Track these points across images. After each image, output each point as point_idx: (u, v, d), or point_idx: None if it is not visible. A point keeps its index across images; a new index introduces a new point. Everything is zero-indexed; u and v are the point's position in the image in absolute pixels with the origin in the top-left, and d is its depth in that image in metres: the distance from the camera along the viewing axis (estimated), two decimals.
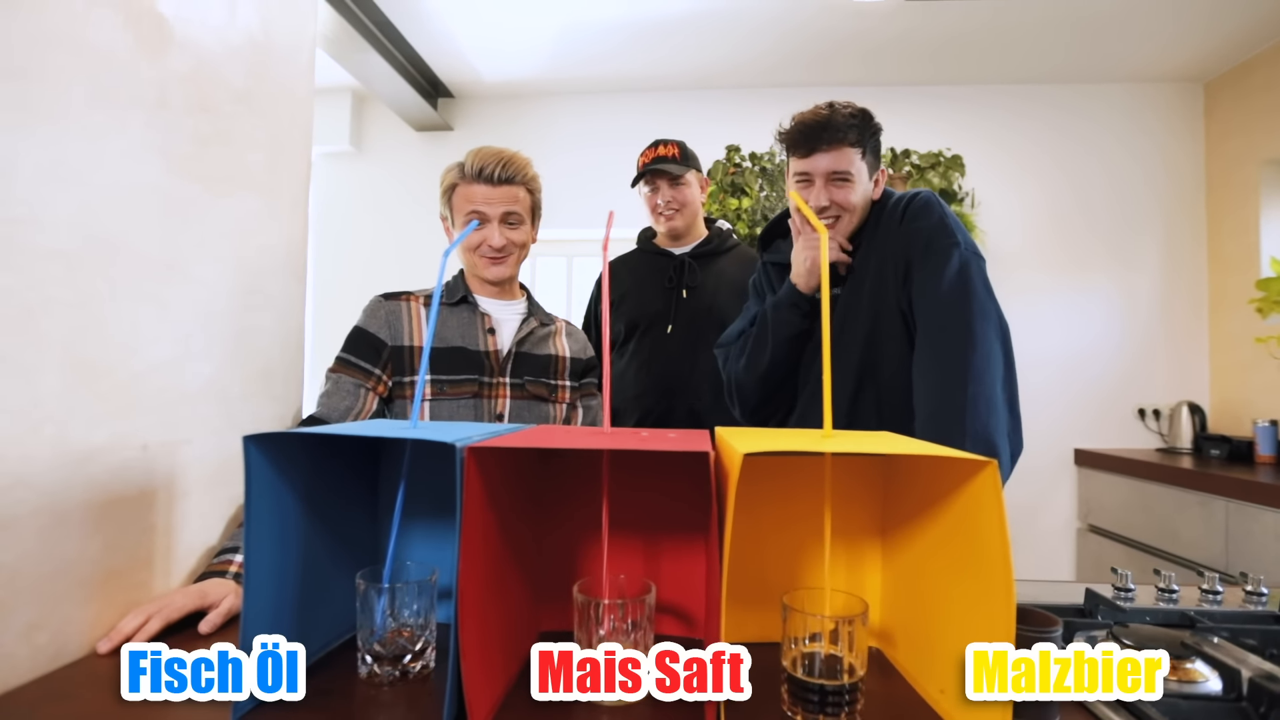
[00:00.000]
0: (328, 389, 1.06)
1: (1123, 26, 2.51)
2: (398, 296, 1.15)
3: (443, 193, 1.15)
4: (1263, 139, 2.63)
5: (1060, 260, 2.95)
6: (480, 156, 1.11)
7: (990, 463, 0.52)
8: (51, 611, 0.66)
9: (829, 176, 1.16)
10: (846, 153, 1.14)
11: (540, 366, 1.18)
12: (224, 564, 0.83)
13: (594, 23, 2.60)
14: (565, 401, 1.20)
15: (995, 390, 1.00)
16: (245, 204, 0.94)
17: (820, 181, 1.16)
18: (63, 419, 0.68)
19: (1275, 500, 1.93)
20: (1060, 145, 2.98)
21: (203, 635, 0.73)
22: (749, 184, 2.97)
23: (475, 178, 1.11)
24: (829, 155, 1.14)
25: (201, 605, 0.76)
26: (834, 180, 1.16)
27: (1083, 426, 2.90)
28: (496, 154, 1.12)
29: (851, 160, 1.15)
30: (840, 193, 1.16)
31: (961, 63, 2.83)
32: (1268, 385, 2.58)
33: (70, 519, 0.68)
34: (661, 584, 0.74)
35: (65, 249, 0.68)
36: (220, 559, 0.84)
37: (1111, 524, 2.61)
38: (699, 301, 1.68)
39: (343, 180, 3.28)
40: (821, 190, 1.16)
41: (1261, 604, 0.86)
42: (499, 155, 1.12)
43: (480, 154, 1.12)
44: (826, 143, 1.14)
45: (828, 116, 1.14)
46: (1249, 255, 2.68)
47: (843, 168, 1.15)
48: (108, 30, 0.73)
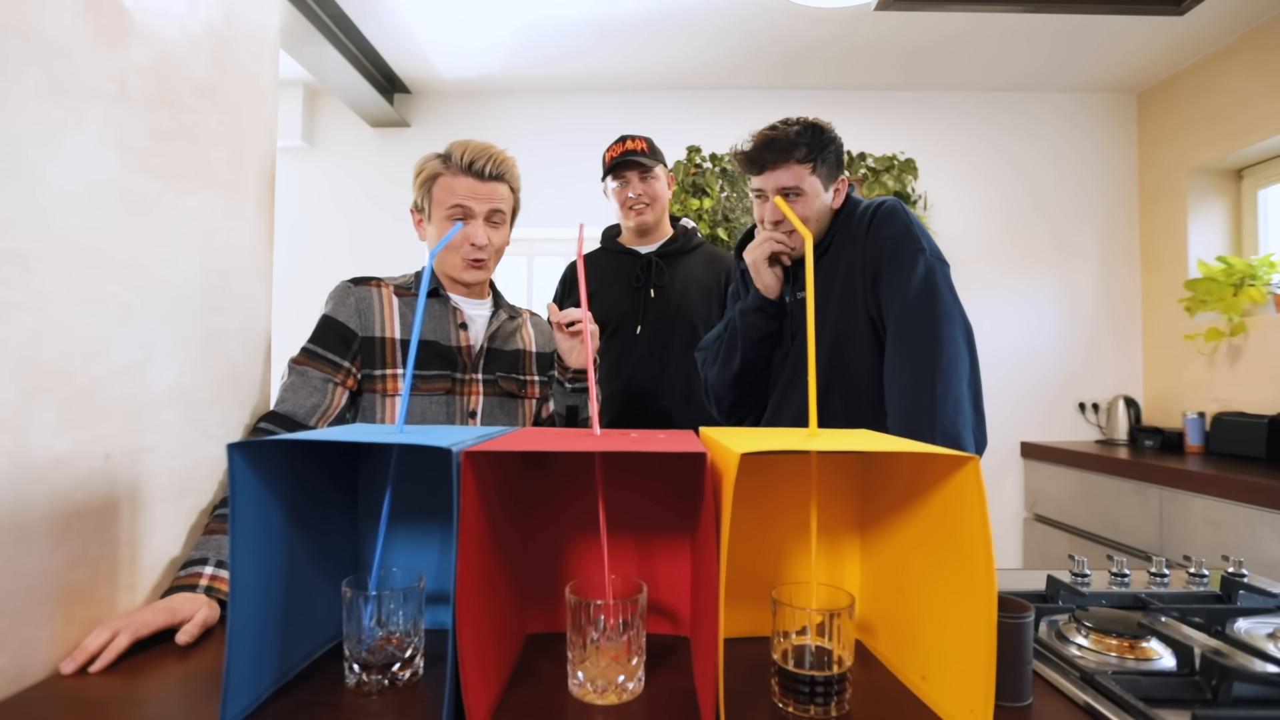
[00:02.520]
0: (292, 381, 1.01)
1: (1065, 40, 2.64)
2: (367, 282, 1.10)
3: (421, 182, 1.10)
4: (1190, 148, 2.80)
5: (1006, 262, 3.08)
6: (470, 149, 1.07)
7: (972, 458, 0.55)
8: (11, 632, 0.62)
9: (779, 192, 1.21)
10: (794, 169, 1.20)
11: (511, 362, 1.16)
12: (192, 577, 0.79)
13: (555, 21, 2.59)
14: (535, 396, 1.19)
15: (962, 390, 1.04)
16: (209, 202, 0.91)
17: (772, 196, 1.21)
18: (21, 428, 0.64)
19: (1204, 487, 2.06)
20: (1007, 151, 3.11)
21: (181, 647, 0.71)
22: (710, 184, 3.00)
23: (464, 170, 1.07)
24: (777, 173, 1.20)
25: (171, 622, 0.73)
26: (785, 195, 1.21)
27: (1029, 420, 3.04)
28: (486, 148, 1.08)
29: (800, 176, 1.20)
30: (793, 206, 1.20)
31: (917, 70, 2.92)
32: (1196, 380, 2.75)
33: (31, 533, 0.65)
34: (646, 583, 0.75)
35: (20, 250, 0.65)
36: (187, 572, 0.80)
37: (1055, 513, 2.74)
38: (667, 301, 1.69)
39: (295, 176, 3.17)
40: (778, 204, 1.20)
41: (1203, 584, 0.93)
42: (489, 149, 1.08)
43: (469, 146, 1.08)
44: (773, 161, 1.20)
45: (773, 136, 1.20)
46: (1178, 257, 2.85)
47: (791, 183, 1.20)
48: (65, 19, 0.69)
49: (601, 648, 0.62)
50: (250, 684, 0.58)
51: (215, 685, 0.62)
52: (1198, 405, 2.69)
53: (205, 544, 0.83)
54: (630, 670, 0.62)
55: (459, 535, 0.52)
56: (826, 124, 1.23)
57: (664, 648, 0.73)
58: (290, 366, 1.03)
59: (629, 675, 0.62)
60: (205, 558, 0.81)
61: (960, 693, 0.57)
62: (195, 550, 0.82)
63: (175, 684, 0.64)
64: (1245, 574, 0.91)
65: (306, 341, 1.05)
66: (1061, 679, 0.64)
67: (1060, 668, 0.67)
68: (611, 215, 1.81)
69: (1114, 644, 0.71)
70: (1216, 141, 2.68)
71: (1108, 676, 0.62)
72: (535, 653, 0.72)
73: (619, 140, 1.71)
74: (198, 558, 0.81)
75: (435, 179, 1.09)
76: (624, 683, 0.62)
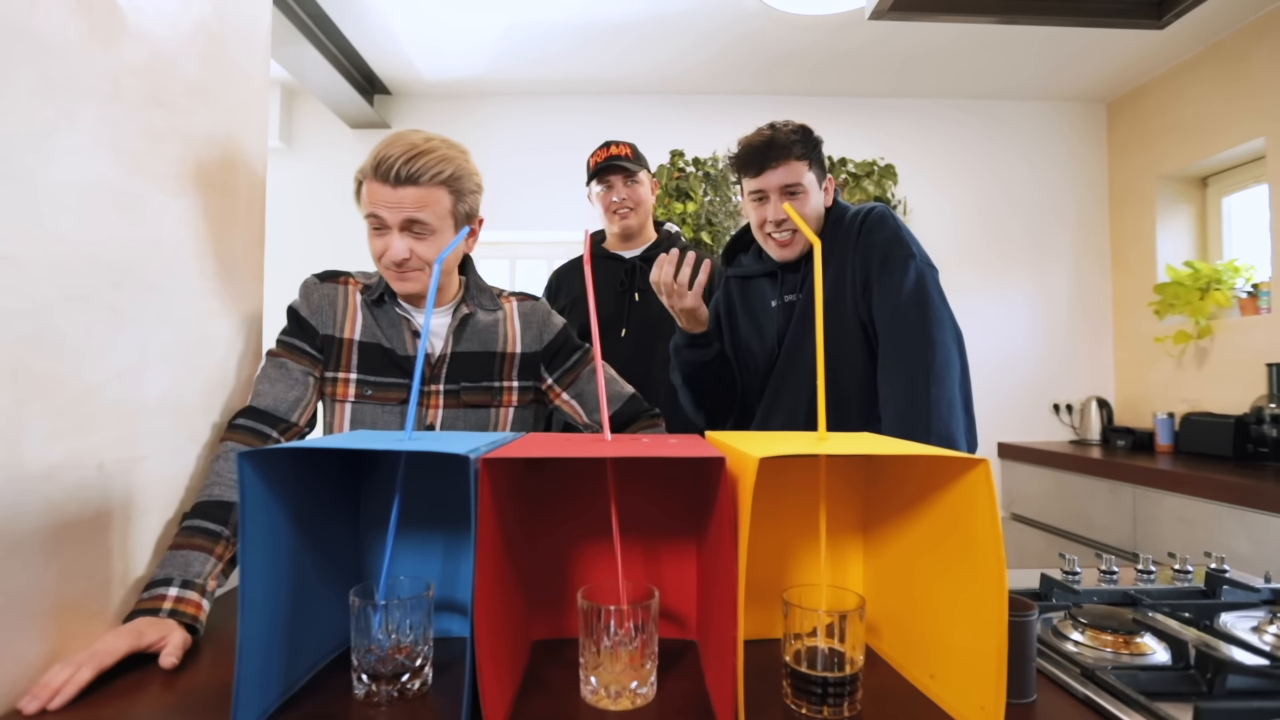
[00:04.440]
0: (271, 374, 0.94)
1: (1041, 50, 2.71)
2: (335, 278, 1.02)
3: (358, 185, 0.96)
4: (1158, 155, 2.89)
5: (983, 266, 3.14)
6: (386, 147, 0.91)
7: (983, 461, 0.56)
8: (5, 649, 0.60)
9: (782, 191, 1.22)
10: (794, 166, 1.22)
11: (481, 368, 1.03)
12: (155, 600, 0.72)
13: (539, 23, 2.58)
14: (512, 405, 1.06)
15: (954, 392, 1.06)
16: (201, 203, 0.89)
17: (775, 196, 1.23)
18: (14, 437, 0.62)
19: (1175, 486, 2.12)
20: (984, 157, 3.18)
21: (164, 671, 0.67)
22: (693, 189, 3.02)
23: (374, 175, 0.91)
24: (779, 171, 1.22)
25: (138, 646, 0.67)
26: (787, 193, 1.23)
27: (1005, 421, 3.10)
28: (406, 145, 0.90)
29: (800, 173, 1.22)
30: (794, 204, 1.22)
31: (898, 77, 2.97)
32: (1165, 381, 2.83)
33: (24, 546, 0.63)
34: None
35: (11, 252, 0.63)
36: (150, 594, 0.73)
37: (1032, 512, 2.80)
38: (651, 305, 1.70)
39: (272, 178, 3.10)
40: (777, 204, 1.23)
41: (1188, 580, 0.96)
42: (408, 147, 0.90)
43: (387, 143, 0.91)
44: (775, 160, 1.21)
45: (771, 136, 1.22)
46: (1147, 261, 2.93)
47: (793, 180, 1.22)
48: (57, 16, 0.67)
49: (615, 653, 0.61)
50: (258, 696, 0.57)
51: (211, 704, 0.61)
52: (1167, 406, 2.77)
53: (170, 561, 0.76)
54: (643, 675, 0.62)
55: (477, 542, 0.52)
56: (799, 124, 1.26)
57: (671, 653, 0.73)
58: (268, 358, 0.97)
59: (641, 680, 0.62)
60: (170, 578, 0.75)
61: (970, 690, 0.58)
62: (160, 569, 0.76)
63: (168, 707, 0.61)
64: (1227, 569, 0.94)
65: (281, 334, 0.99)
66: (1062, 675, 0.66)
67: (1060, 664, 0.68)
68: (596, 220, 1.82)
69: (1109, 640, 0.73)
70: (1183, 150, 2.76)
71: (1108, 671, 0.64)
72: (543, 659, 0.71)
73: (603, 145, 1.73)
74: (161, 578, 0.75)
75: (362, 184, 0.95)
76: (637, 688, 0.62)
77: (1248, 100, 2.48)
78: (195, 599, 0.74)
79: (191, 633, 0.73)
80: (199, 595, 0.75)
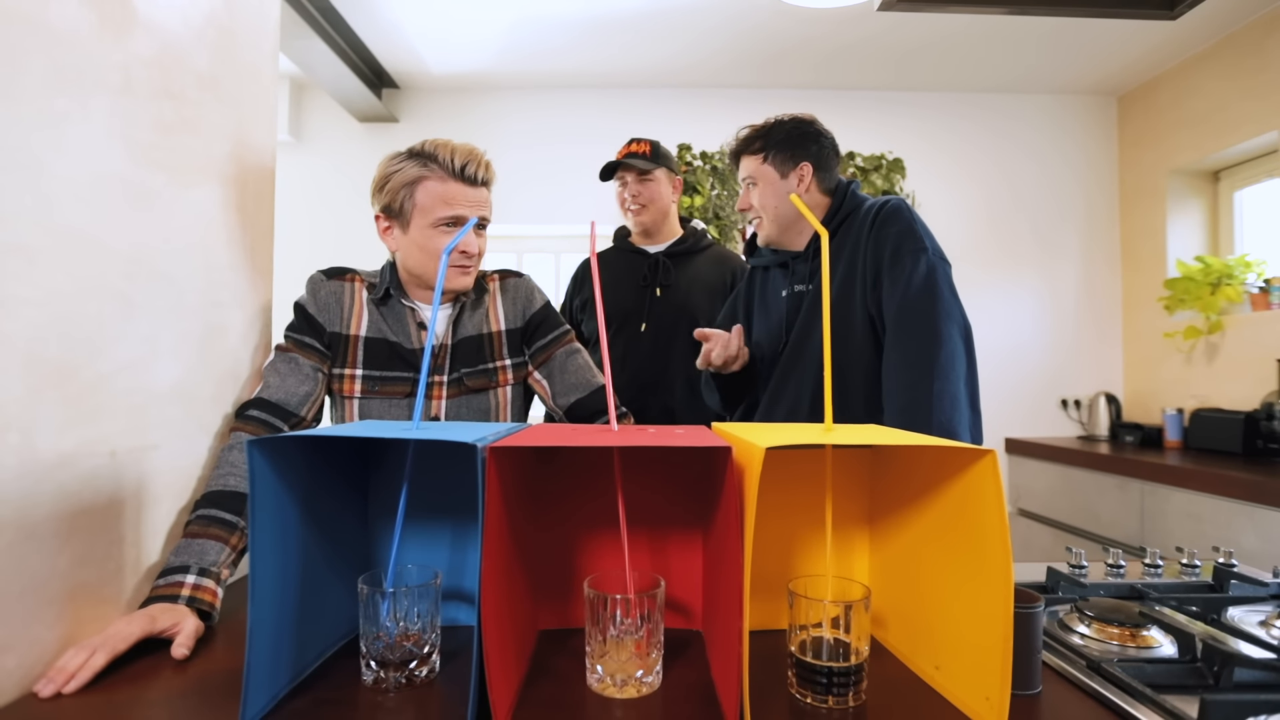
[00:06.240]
0: (281, 368, 0.96)
1: (1050, 43, 2.68)
2: (341, 275, 1.05)
3: (398, 185, 0.99)
4: (1169, 150, 2.86)
5: (991, 261, 3.13)
6: (459, 151, 1.00)
7: (990, 452, 0.56)
8: (20, 633, 0.61)
9: (745, 182, 1.37)
10: (748, 160, 1.36)
11: (476, 351, 1.07)
12: (173, 586, 0.74)
13: (546, 17, 2.57)
14: (508, 383, 1.10)
15: (959, 387, 1.06)
16: (211, 195, 0.89)
17: (742, 187, 1.38)
18: (28, 425, 0.63)
19: (1183, 481, 2.11)
20: (992, 151, 3.16)
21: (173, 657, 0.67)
22: (700, 182, 3.01)
23: (455, 175, 0.99)
24: (741, 165, 1.38)
25: (151, 630, 0.68)
26: (749, 184, 1.36)
27: (1013, 416, 3.09)
28: (471, 151, 1.01)
29: (753, 166, 1.35)
30: (748, 195, 1.37)
31: (906, 71, 2.95)
32: (1174, 377, 2.81)
33: (38, 532, 0.63)
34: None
35: (25, 243, 0.63)
36: (167, 580, 0.74)
37: (1039, 507, 2.79)
38: (673, 300, 1.71)
39: (280, 172, 3.12)
40: (745, 194, 1.38)
41: (1195, 575, 0.95)
42: (474, 152, 1.01)
43: (456, 149, 1.00)
44: (736, 155, 1.39)
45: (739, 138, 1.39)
46: (1157, 257, 2.91)
47: (747, 174, 1.36)
48: (69, 8, 0.68)
49: (621, 642, 0.62)
50: (268, 682, 0.57)
51: (222, 690, 0.61)
52: (1176, 402, 2.75)
53: (186, 549, 0.77)
54: (649, 664, 0.63)
55: (485, 531, 0.52)
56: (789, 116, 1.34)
57: (676, 642, 0.73)
58: (277, 352, 0.98)
59: (647, 669, 0.63)
60: (186, 564, 0.76)
61: (976, 681, 0.58)
62: (175, 556, 0.77)
63: (180, 692, 0.62)
64: (1235, 564, 0.93)
65: (288, 330, 1.01)
66: (1068, 667, 0.66)
67: (1066, 656, 0.68)
68: (602, 213, 1.83)
69: (1116, 633, 0.73)
70: (1194, 144, 2.74)
71: (1114, 664, 0.64)
72: (549, 648, 0.72)
73: (627, 142, 1.77)
74: (178, 564, 0.76)
75: (418, 183, 0.99)
76: (642, 677, 0.62)
77: (1261, 93, 2.45)
78: (212, 586, 0.76)
79: (206, 620, 0.74)
80: (215, 583, 0.76)
